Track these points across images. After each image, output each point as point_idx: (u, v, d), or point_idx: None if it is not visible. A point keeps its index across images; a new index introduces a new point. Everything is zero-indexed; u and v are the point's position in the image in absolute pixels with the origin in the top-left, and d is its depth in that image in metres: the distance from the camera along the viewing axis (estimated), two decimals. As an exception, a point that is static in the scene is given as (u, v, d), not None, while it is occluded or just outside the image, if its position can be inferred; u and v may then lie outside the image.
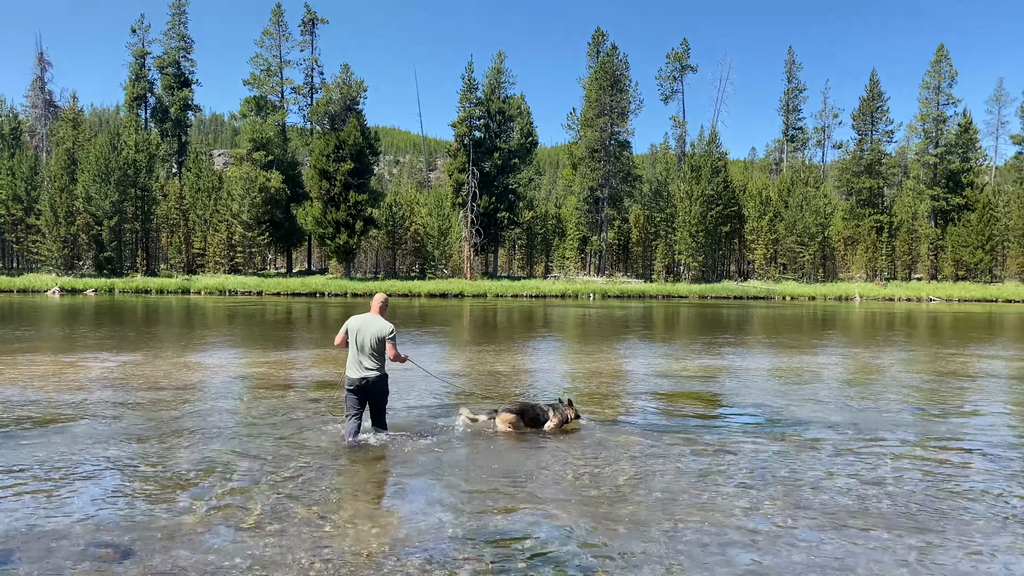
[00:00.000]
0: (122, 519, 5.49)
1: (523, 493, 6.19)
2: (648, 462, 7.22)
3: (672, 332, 26.72)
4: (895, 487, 6.46)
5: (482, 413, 8.75)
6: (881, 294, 62.08)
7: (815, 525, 5.48)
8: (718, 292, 62.13)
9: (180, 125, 78.69)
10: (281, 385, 11.98)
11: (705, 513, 5.70)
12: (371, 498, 6.18)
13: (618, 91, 69.27)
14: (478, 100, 69.00)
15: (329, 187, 62.86)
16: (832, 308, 47.37)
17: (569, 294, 59.14)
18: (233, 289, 56.33)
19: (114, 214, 61.40)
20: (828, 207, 71.91)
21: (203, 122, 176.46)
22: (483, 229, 68.48)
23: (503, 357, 16.87)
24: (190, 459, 7.16)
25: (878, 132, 75.62)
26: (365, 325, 7.77)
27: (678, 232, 70.33)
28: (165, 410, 9.62)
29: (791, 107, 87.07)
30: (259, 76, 70.59)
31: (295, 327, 27.29)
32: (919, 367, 15.85)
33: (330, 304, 44.41)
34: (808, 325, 31.32)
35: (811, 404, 10.82)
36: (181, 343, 19.29)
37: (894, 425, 9.27)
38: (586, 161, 70.76)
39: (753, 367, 15.47)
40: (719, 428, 9.01)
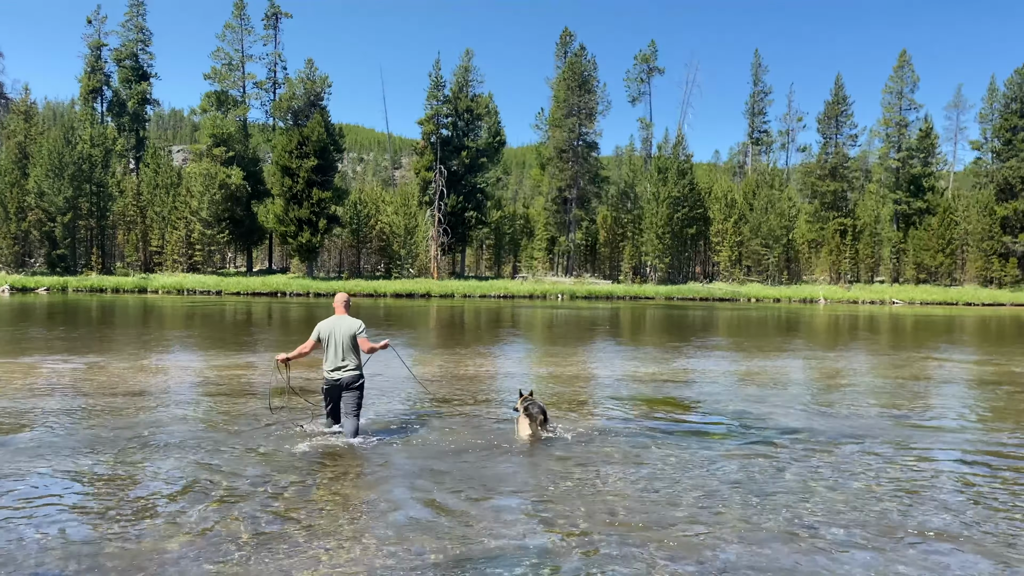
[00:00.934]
0: (72, 544, 4.85)
1: (505, 502, 5.66)
2: (634, 470, 6.74)
3: (643, 334, 26.39)
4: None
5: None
6: (845, 296, 62.68)
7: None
8: (684, 293, 62.19)
9: (138, 119, 76.63)
10: (243, 391, 11.29)
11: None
12: (348, 517, 5.58)
13: (586, 92, 69.04)
14: (446, 98, 68.24)
15: (292, 184, 61.62)
16: (797, 310, 47.60)
17: (537, 295, 58.71)
18: (192, 288, 54.87)
19: (68, 210, 59.45)
20: (792, 210, 72.48)
21: (162, 117, 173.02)
22: (450, 228, 67.76)
23: (475, 360, 16.31)
24: (149, 473, 6.51)
25: (842, 136, 76.44)
26: (336, 326, 7.89)
27: (645, 234, 70.34)
28: (120, 418, 8.91)
29: (757, 110, 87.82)
30: (220, 70, 69.02)
31: (256, 328, 26.42)
32: (894, 372, 15.65)
33: (292, 304, 43.37)
34: (776, 328, 31.26)
35: (789, 409, 10.46)
36: (137, 345, 18.39)
37: (880, 430, 8.93)
38: (554, 162, 70.44)
39: (727, 371, 15.14)
40: (706, 436, 8.57)
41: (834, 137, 76.99)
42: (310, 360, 9.98)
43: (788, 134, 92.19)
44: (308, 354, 8.05)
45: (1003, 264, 68.42)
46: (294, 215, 61.56)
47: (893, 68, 75.44)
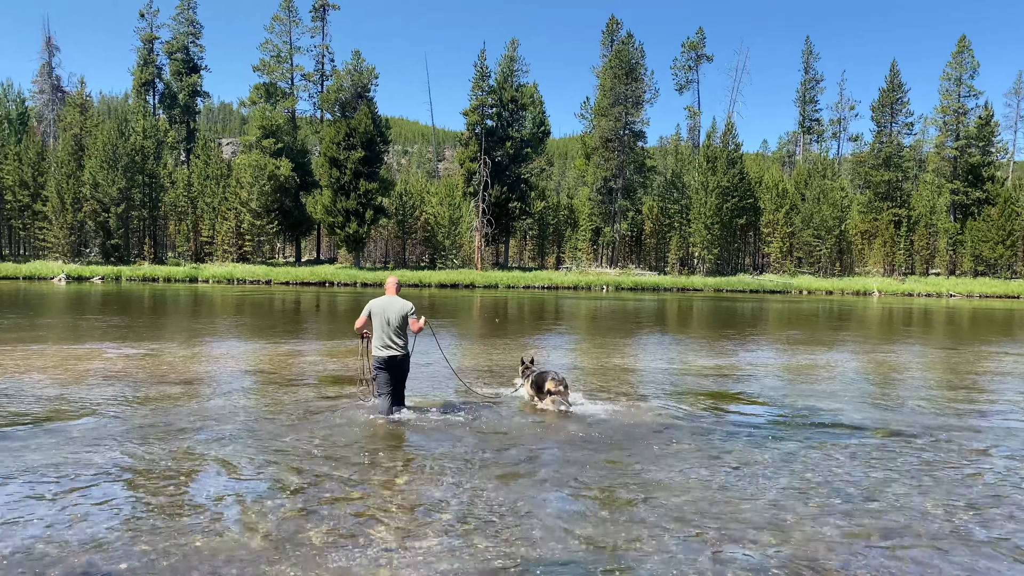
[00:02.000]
0: (130, 540, 4.66)
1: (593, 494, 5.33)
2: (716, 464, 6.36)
3: (695, 326, 25.81)
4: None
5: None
6: (900, 289, 60.95)
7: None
8: (733, 285, 61.10)
9: (189, 111, 77.90)
10: (295, 380, 11.15)
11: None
12: (413, 509, 5.31)
13: (633, 80, 68.05)
14: (490, 88, 67.88)
15: (339, 175, 61.97)
16: (851, 303, 46.35)
17: (582, 286, 58.20)
18: (241, 278, 55.58)
19: (121, 201, 60.64)
20: (845, 200, 70.65)
21: (211, 111, 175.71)
22: (494, 219, 67.50)
23: (522, 352, 16.01)
24: (204, 465, 6.33)
25: (897, 124, 74.25)
26: (387, 306, 8.35)
27: (693, 224, 69.21)
28: (174, 407, 8.80)
29: (808, 98, 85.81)
30: (269, 62, 69.64)
31: (305, 318, 26.50)
32: (962, 366, 14.92)
33: (339, 294, 43.59)
34: (832, 320, 30.36)
35: (864, 406, 9.94)
36: (190, 333, 18.49)
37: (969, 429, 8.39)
38: (599, 151, 69.62)
39: (789, 364, 14.58)
40: (786, 433, 8.12)
41: (889, 125, 74.84)
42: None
43: (839, 123, 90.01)
44: (361, 329, 8.58)
45: (1068, 256, 65.80)
46: (342, 206, 61.91)
47: (951, 54, 72.88)
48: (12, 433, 7.30)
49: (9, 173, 64.21)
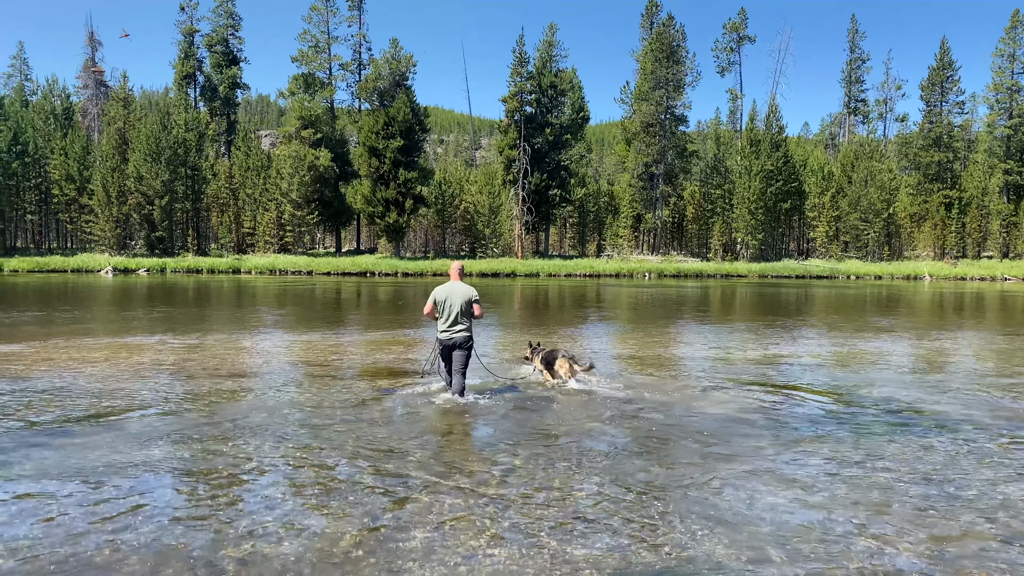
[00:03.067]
0: (191, 545, 4.38)
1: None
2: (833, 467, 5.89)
3: (741, 314, 25.12)
4: None
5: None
6: (951, 273, 59.20)
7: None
8: (778, 271, 59.91)
9: (229, 104, 78.57)
10: (347, 373, 10.88)
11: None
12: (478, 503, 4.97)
13: (674, 63, 66.89)
14: (529, 74, 67.25)
15: (378, 165, 61.97)
16: (902, 288, 45.05)
17: (623, 273, 57.52)
18: (283, 268, 55.95)
19: (165, 193, 61.38)
20: (893, 182, 68.79)
21: (250, 103, 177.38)
22: (534, 207, 67.03)
23: (581, 342, 15.60)
24: (264, 463, 6.04)
25: (947, 103, 71.99)
26: (452, 291, 8.67)
27: (736, 209, 67.99)
28: (228, 402, 8.58)
29: (853, 78, 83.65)
30: (307, 53, 69.83)
31: (348, 308, 26.40)
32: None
33: (380, 284, 43.57)
34: (886, 306, 29.40)
35: (943, 396, 9.34)
36: (236, 325, 18.41)
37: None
38: (640, 136, 68.64)
39: (851, 353, 13.95)
40: (868, 427, 7.61)
41: (938, 104, 72.66)
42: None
43: (886, 103, 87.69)
44: (430, 315, 8.80)
45: None
46: (381, 196, 61.94)
47: (1004, 29, 70.45)
48: (68, 430, 7.12)
49: (56, 167, 65.41)
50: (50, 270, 53.30)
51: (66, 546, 4.40)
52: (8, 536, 4.55)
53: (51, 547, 4.38)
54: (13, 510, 4.98)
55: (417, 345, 14.31)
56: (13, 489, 5.39)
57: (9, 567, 4.12)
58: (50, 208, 69.18)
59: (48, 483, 5.51)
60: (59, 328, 16.49)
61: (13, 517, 4.86)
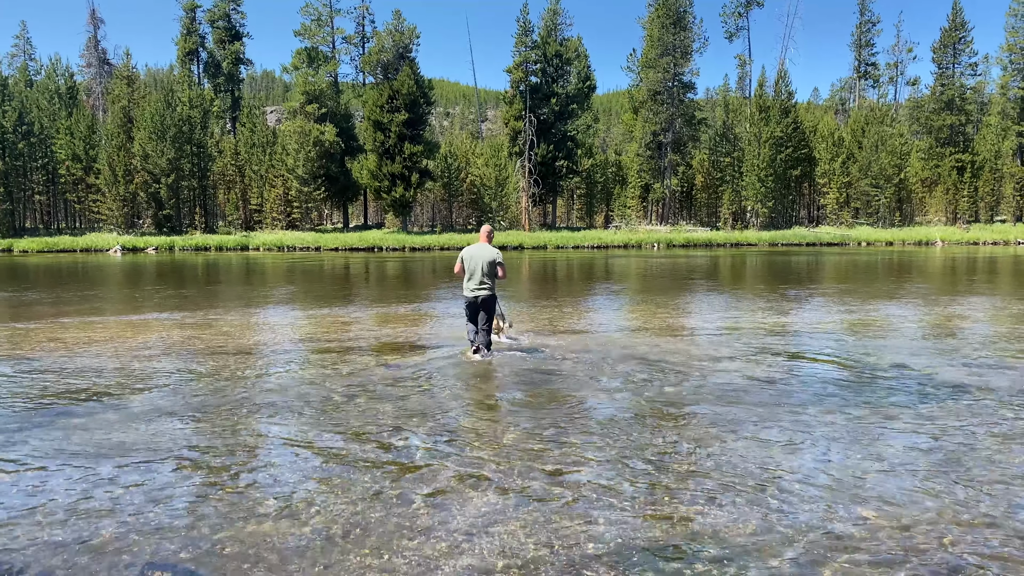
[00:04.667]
0: (195, 525, 4.33)
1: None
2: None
3: (753, 282, 24.94)
4: None
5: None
6: (964, 238, 58.67)
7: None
8: (789, 239, 59.52)
9: (232, 80, 78.09)
10: (354, 348, 10.83)
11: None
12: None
13: (681, 29, 66.00)
14: (534, 44, 66.53)
15: (384, 139, 61.63)
16: (914, 254, 44.68)
17: (632, 244, 57.27)
18: (291, 245, 55.95)
19: (171, 171, 61.31)
20: (905, 147, 67.97)
21: (254, 79, 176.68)
22: (541, 179, 66.63)
23: (578, 317, 15.50)
24: (271, 440, 5.99)
25: (960, 65, 70.84)
26: (478, 252, 9.45)
27: (746, 177, 67.39)
28: (234, 378, 8.53)
29: (864, 41, 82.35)
30: (310, 26, 69.23)
31: (357, 283, 26.35)
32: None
33: (388, 259, 43.52)
34: (899, 273, 29.14)
35: (950, 363, 9.20)
36: (244, 302, 18.40)
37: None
38: (648, 104, 67.95)
39: (863, 320, 13.80)
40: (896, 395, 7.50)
41: (951, 67, 71.51)
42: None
43: (897, 67, 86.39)
44: (459, 274, 9.60)
45: None
46: (387, 170, 61.68)
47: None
48: (73, 410, 7.09)
49: (62, 147, 65.36)
50: (59, 250, 53.49)
51: (64, 528, 4.36)
52: (3, 517, 4.51)
53: (49, 527, 4.34)
54: (12, 491, 4.94)
55: (424, 320, 14.25)
56: (12, 468, 5.35)
57: (3, 545, 4.08)
58: (57, 188, 69.23)
59: (48, 462, 5.47)
60: (67, 308, 16.50)
61: (11, 496, 4.82)
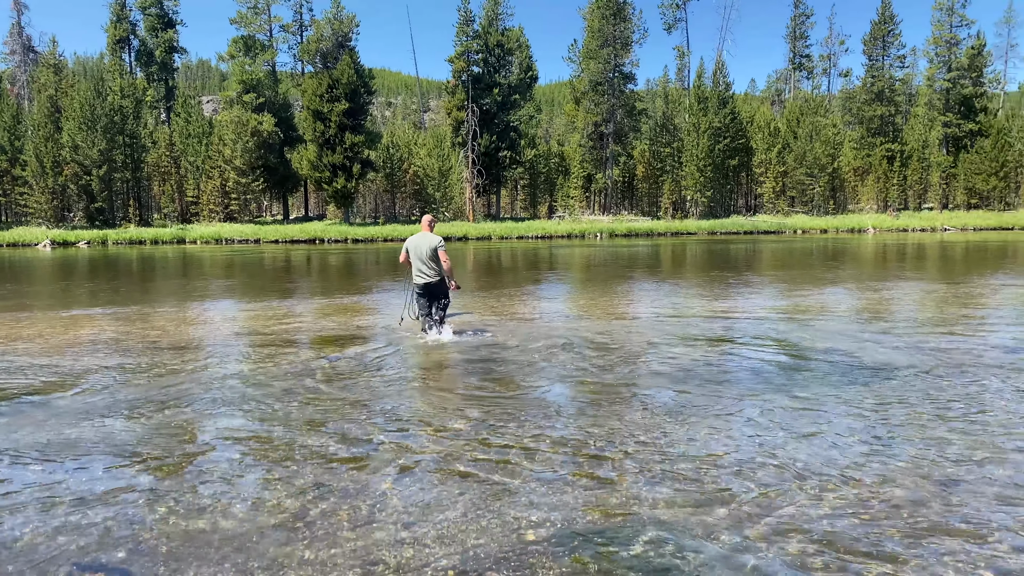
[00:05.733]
0: (127, 524, 4.22)
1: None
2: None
3: (691, 270, 25.40)
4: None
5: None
6: (894, 225, 60.68)
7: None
8: (727, 228, 60.69)
9: (166, 69, 76.00)
10: (293, 341, 10.69)
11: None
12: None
13: (621, 20, 66.51)
14: (475, 33, 66.30)
15: (324, 129, 60.70)
16: (847, 241, 46.04)
17: (576, 234, 57.68)
18: (229, 237, 54.79)
19: (103, 163, 59.35)
20: (838, 137, 69.91)
21: (190, 68, 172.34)
22: (484, 169, 66.56)
23: (532, 303, 15.58)
24: (205, 436, 5.88)
25: (889, 57, 73.10)
26: (421, 241, 9.89)
27: (685, 167, 68.45)
28: (168, 375, 8.33)
29: (798, 34, 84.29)
30: (246, 14, 67.70)
31: (297, 276, 25.97)
32: (967, 300, 14.58)
33: (330, 251, 42.98)
34: (830, 259, 30.00)
35: (879, 345, 9.55)
36: (180, 296, 17.97)
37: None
38: (589, 95, 68.38)
39: (796, 305, 14.20)
40: (812, 378, 7.73)
41: (880, 59, 73.70)
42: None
43: (830, 58, 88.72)
44: (405, 263, 10.10)
45: (1062, 186, 65.62)
46: (328, 161, 60.81)
47: (944, -18, 71.60)
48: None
49: (-16, 138, 62.64)
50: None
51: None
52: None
53: (-28, 531, 4.19)
54: (-67, 495, 4.76)
55: (366, 311, 14.13)
56: (-67, 473, 5.15)
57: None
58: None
59: (-28, 465, 5.28)
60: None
61: (-68, 502, 4.64)
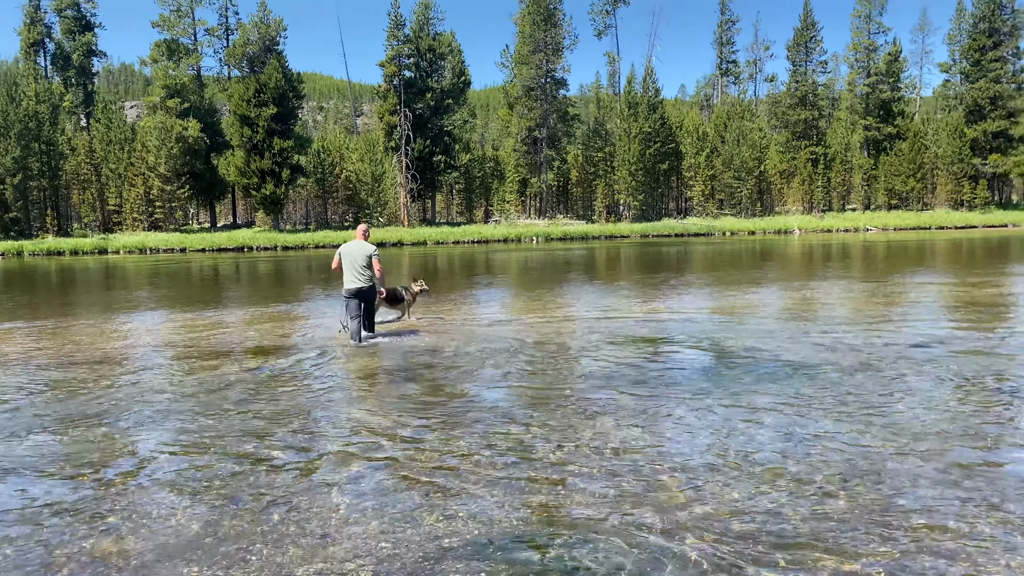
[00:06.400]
0: (35, 547, 3.98)
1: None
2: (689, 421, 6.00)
3: (623, 273, 25.71)
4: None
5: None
6: (819, 226, 62.61)
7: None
8: (659, 230, 61.67)
9: (85, 73, 73.19)
10: (216, 353, 10.36)
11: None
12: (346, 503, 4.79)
13: (552, 26, 67.05)
14: (406, 38, 65.89)
15: (251, 134, 59.44)
16: (773, 242, 47.30)
17: (512, 238, 57.83)
18: (154, 247, 53.09)
19: (17, 171, 56.84)
20: (764, 141, 71.84)
21: (111, 72, 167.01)
22: (419, 174, 66.14)
23: (467, 308, 15.50)
24: (121, 452, 5.62)
25: (812, 63, 75.50)
26: (354, 248, 10.35)
27: (617, 171, 69.35)
28: (80, 391, 7.96)
29: (725, 40, 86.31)
30: (169, 17, 65.81)
31: (222, 285, 25.30)
32: (884, 298, 15.12)
33: (259, 259, 42.07)
34: (755, 260, 30.78)
35: (797, 343, 9.80)
36: (99, 308, 17.29)
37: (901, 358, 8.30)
38: (522, 100, 68.71)
39: (719, 307, 14.49)
40: (739, 376, 7.85)
41: (804, 65, 76.01)
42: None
43: (756, 64, 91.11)
44: (337, 269, 10.50)
45: (973, 187, 68.77)
46: (256, 166, 59.56)
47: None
48: None
49: None
50: None
51: None
52: None
53: None
54: None
55: (290, 320, 13.83)
56: None
57: None
58: None
59: None
60: None
61: None
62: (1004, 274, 20.42)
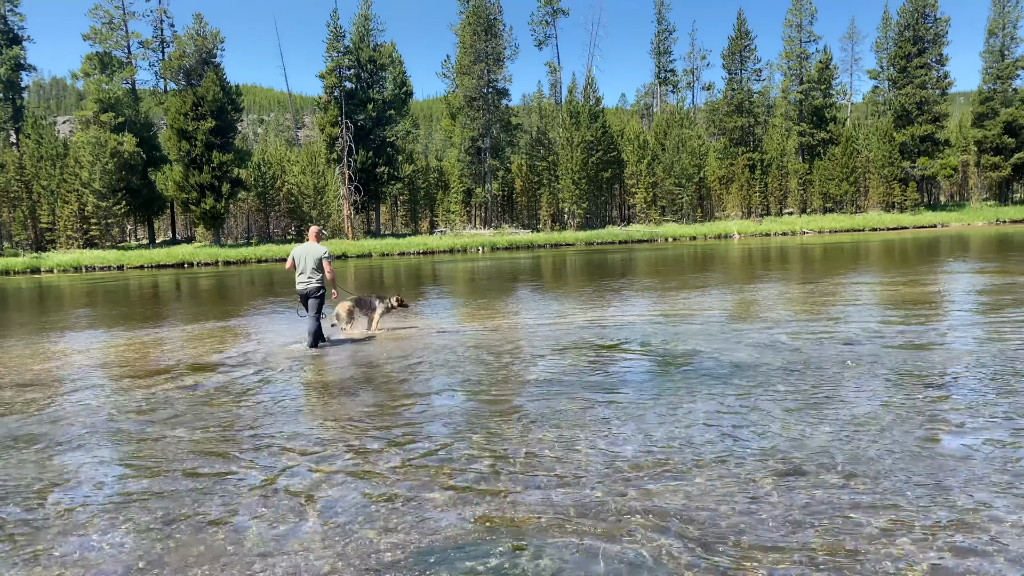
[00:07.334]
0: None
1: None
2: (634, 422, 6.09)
3: (570, 280, 25.92)
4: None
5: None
6: (758, 230, 64.03)
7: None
8: (603, 238, 62.31)
9: (13, 87, 70.69)
10: (153, 372, 10.12)
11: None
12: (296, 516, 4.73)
13: (492, 36, 67.37)
14: (347, 49, 65.45)
15: (189, 148, 58.27)
16: (713, 247, 48.21)
17: (457, 248, 57.74)
18: (90, 265, 51.52)
19: (-58, 189, 54.68)
20: (703, 148, 73.28)
21: (42, 87, 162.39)
22: (362, 186, 65.64)
23: (412, 318, 15.43)
24: (60, 478, 5.45)
25: (747, 71, 77.35)
26: (307, 250, 11.01)
27: (561, 180, 69.93)
28: (10, 414, 7.70)
29: (662, 49, 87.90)
30: (100, 30, 64.19)
31: (161, 303, 24.71)
32: (820, 297, 15.57)
33: (200, 274, 41.19)
34: (695, 265, 31.32)
35: (737, 344, 10.04)
36: (29, 329, 16.72)
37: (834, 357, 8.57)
38: (465, 111, 68.83)
39: (662, 311, 14.74)
40: (676, 376, 8.00)
41: (739, 73, 77.83)
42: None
43: (693, 72, 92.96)
44: (290, 270, 11.09)
45: (903, 189, 71.18)
46: (195, 181, 58.38)
47: (792, 1, 76.50)
48: None
49: None
50: None
51: None
52: None
53: None
54: None
55: (230, 337, 13.58)
56: None
57: None
58: None
59: None
60: None
61: None
62: (934, 272, 21.19)
